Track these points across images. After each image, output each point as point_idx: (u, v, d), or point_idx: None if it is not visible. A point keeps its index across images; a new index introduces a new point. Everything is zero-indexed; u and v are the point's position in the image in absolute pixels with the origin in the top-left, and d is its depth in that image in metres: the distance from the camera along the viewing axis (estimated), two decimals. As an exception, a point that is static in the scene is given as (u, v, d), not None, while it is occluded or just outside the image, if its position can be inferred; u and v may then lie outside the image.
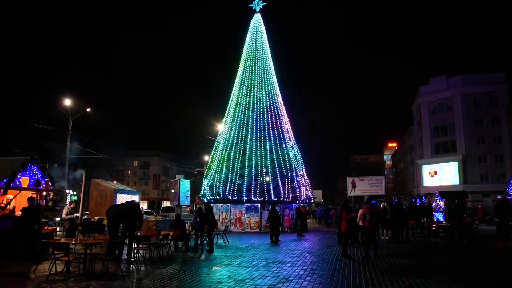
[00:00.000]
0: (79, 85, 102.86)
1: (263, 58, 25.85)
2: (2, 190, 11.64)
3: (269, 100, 24.72)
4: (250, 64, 25.58)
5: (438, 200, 23.57)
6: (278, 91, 25.86)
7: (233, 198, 22.11)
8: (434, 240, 16.04)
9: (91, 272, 8.54)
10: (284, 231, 21.09)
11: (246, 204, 22.07)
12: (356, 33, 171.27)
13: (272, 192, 22.00)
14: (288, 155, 23.76)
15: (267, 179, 22.29)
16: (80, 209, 16.07)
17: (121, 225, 10.87)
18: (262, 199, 21.89)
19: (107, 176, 55.64)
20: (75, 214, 15.09)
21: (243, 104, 24.55)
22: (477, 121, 45.70)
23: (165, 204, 39.87)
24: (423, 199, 24.63)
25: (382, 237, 16.86)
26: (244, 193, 21.98)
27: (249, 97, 24.56)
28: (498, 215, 16.19)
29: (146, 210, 32.51)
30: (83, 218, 16.01)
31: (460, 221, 17.46)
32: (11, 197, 12.08)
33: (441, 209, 22.57)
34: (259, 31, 26.52)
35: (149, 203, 43.19)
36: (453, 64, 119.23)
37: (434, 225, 16.74)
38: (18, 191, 12.35)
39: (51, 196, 15.16)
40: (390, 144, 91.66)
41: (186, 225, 14.10)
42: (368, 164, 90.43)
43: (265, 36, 26.75)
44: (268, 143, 23.25)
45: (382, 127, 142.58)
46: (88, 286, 7.57)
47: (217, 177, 23.09)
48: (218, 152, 24.27)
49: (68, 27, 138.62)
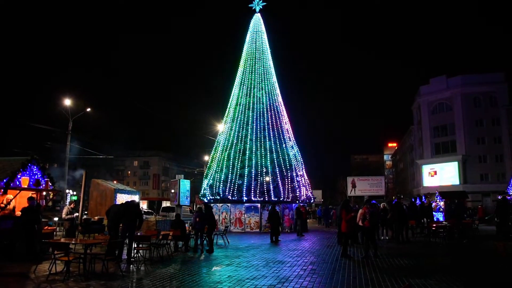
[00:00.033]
0: (79, 85, 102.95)
1: (263, 58, 25.85)
2: (2, 190, 11.65)
3: (269, 100, 24.72)
4: (250, 64, 25.58)
5: (438, 200, 23.57)
6: (278, 91, 25.87)
7: (233, 198, 22.11)
8: (434, 240, 16.05)
9: (91, 272, 8.54)
10: (284, 231, 21.10)
11: (246, 204, 22.08)
12: (356, 33, 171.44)
13: (272, 192, 22.01)
14: (288, 155, 23.77)
15: (267, 179, 22.29)
16: (80, 209, 16.07)
17: (121, 225, 10.87)
18: (262, 199, 21.89)
19: (107, 176, 55.68)
20: (75, 214, 15.08)
21: (243, 104, 24.55)
22: (477, 121, 45.72)
23: (165, 204, 39.90)
24: (423, 199, 24.64)
25: (382, 237, 16.86)
26: (244, 193, 21.98)
27: (249, 97, 24.57)
28: (498, 215, 16.18)
29: (146, 210, 32.53)
30: (83, 218, 16.01)
31: (460, 221, 17.47)
32: (11, 197, 12.09)
33: (441, 209, 22.57)
34: (259, 31, 26.52)
35: (149, 203, 43.22)
36: (453, 64, 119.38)
37: (434, 225, 16.74)
38: (18, 191, 12.36)
39: (51, 196, 15.17)
40: (390, 144, 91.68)
41: (186, 225, 14.10)
42: (368, 164, 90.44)
43: (265, 36, 26.76)
44: (268, 143, 23.25)
45: (382, 127, 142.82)
46: (88, 286, 7.57)
47: (217, 177, 23.10)
48: (218, 152, 24.28)
49: (68, 27, 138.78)
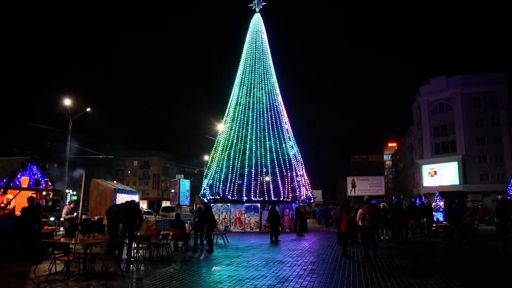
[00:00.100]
0: (79, 85, 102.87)
1: (263, 58, 25.84)
2: (2, 190, 11.65)
3: (269, 100, 24.72)
4: (250, 64, 25.56)
5: (438, 200, 23.59)
6: (278, 91, 25.85)
7: (233, 198, 22.11)
8: (434, 240, 16.05)
9: (91, 272, 8.53)
10: (284, 231, 21.10)
11: (246, 204, 22.07)
12: (356, 33, 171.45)
13: (272, 192, 22.00)
14: (288, 155, 23.76)
15: (267, 179, 22.29)
16: (80, 209, 16.07)
17: (121, 225, 10.87)
18: (262, 199, 21.89)
19: (107, 176, 55.75)
20: (75, 214, 15.08)
21: (243, 104, 24.54)
22: (477, 121, 45.72)
23: (165, 204, 39.95)
24: (423, 199, 24.63)
25: (382, 237, 16.87)
26: (244, 193, 21.98)
27: (249, 97, 24.56)
28: (498, 215, 16.17)
29: (146, 210, 32.56)
30: (83, 218, 16.01)
31: (460, 221, 17.47)
32: (11, 197, 12.09)
33: (441, 209, 22.58)
34: (259, 31, 26.51)
35: (149, 203, 43.30)
36: (453, 64, 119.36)
37: (434, 225, 16.74)
38: (18, 191, 12.36)
39: (51, 196, 15.17)
40: (390, 144, 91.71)
41: (186, 225, 14.10)
42: (368, 164, 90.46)
43: (265, 36, 26.74)
44: (268, 143, 23.25)
45: (382, 127, 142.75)
46: (88, 286, 7.57)
47: (217, 177, 23.09)
48: (218, 152, 24.27)
49: (68, 27, 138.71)
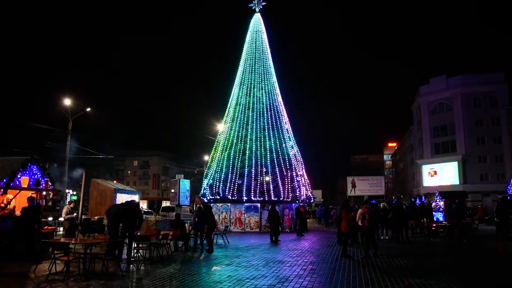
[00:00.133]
0: (79, 85, 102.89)
1: (263, 58, 25.84)
2: (2, 190, 11.65)
3: (269, 100, 24.71)
4: (250, 64, 25.56)
5: (438, 200, 23.58)
6: (278, 91, 25.85)
7: (233, 198, 22.11)
8: (434, 240, 16.06)
9: (91, 272, 8.53)
10: (284, 231, 21.10)
11: (246, 204, 22.07)
12: (356, 33, 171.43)
13: (272, 192, 22.00)
14: (288, 155, 23.76)
15: (267, 179, 22.29)
16: (80, 209, 16.07)
17: (121, 225, 10.87)
18: (262, 199, 21.89)
19: (107, 175, 55.82)
20: (74, 214, 15.08)
21: (243, 104, 24.54)
22: (477, 121, 45.72)
23: (165, 204, 39.98)
24: (423, 199, 24.63)
25: (382, 237, 16.87)
26: (244, 193, 21.98)
27: (249, 96, 24.56)
28: (498, 215, 16.17)
29: (146, 210, 32.58)
30: (83, 218, 16.01)
31: (460, 221, 17.46)
32: (11, 196, 12.09)
33: (441, 209, 22.57)
34: (259, 31, 26.50)
35: (149, 202, 43.36)
36: (453, 64, 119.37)
37: (434, 225, 16.74)
38: (18, 191, 12.36)
39: (51, 196, 15.17)
40: (390, 144, 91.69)
41: (186, 225, 14.10)
42: (368, 164, 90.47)
43: (265, 36, 26.74)
44: (268, 142, 23.24)
45: (382, 127, 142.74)
46: (88, 285, 7.57)
47: (217, 177, 23.09)
48: (218, 152, 24.27)
49: (68, 27, 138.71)
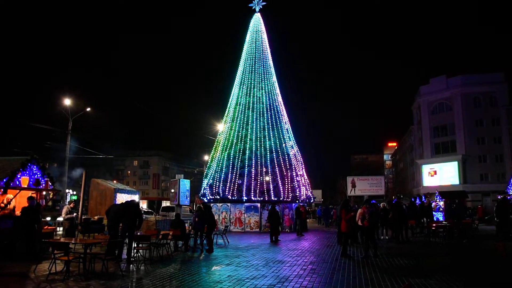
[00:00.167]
0: (79, 85, 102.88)
1: (263, 58, 25.83)
2: (2, 190, 11.65)
3: (269, 99, 24.70)
4: (250, 64, 25.55)
5: (438, 200, 23.58)
6: (278, 90, 25.84)
7: (233, 198, 22.10)
8: (434, 240, 16.05)
9: (91, 272, 8.53)
10: (284, 231, 21.09)
11: (246, 204, 22.07)
12: (356, 33, 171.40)
13: (272, 191, 22.00)
14: (288, 154, 23.75)
15: (267, 178, 22.29)
16: (80, 209, 16.07)
17: (121, 224, 10.86)
18: (262, 198, 21.89)
19: (107, 175, 55.83)
20: (74, 214, 15.08)
21: (243, 104, 24.53)
22: (477, 121, 45.72)
23: (165, 203, 39.98)
24: (423, 199, 24.64)
25: (382, 237, 16.87)
26: (244, 192, 21.98)
27: (249, 96, 24.55)
28: (498, 215, 16.17)
29: (146, 210, 32.56)
30: (82, 217, 16.01)
31: (460, 221, 17.46)
32: (11, 196, 12.09)
33: (441, 209, 22.57)
34: (259, 30, 26.50)
35: (149, 202, 43.36)
36: (453, 64, 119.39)
37: (434, 225, 16.74)
38: (18, 191, 12.35)
39: (51, 196, 15.16)
40: (390, 144, 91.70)
41: (186, 225, 14.09)
42: (368, 164, 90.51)
43: (265, 36, 26.73)
44: (268, 142, 23.24)
45: (382, 127, 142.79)
46: (88, 285, 7.57)
47: (217, 177, 23.08)
48: (218, 151, 24.26)
49: (68, 27, 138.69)
